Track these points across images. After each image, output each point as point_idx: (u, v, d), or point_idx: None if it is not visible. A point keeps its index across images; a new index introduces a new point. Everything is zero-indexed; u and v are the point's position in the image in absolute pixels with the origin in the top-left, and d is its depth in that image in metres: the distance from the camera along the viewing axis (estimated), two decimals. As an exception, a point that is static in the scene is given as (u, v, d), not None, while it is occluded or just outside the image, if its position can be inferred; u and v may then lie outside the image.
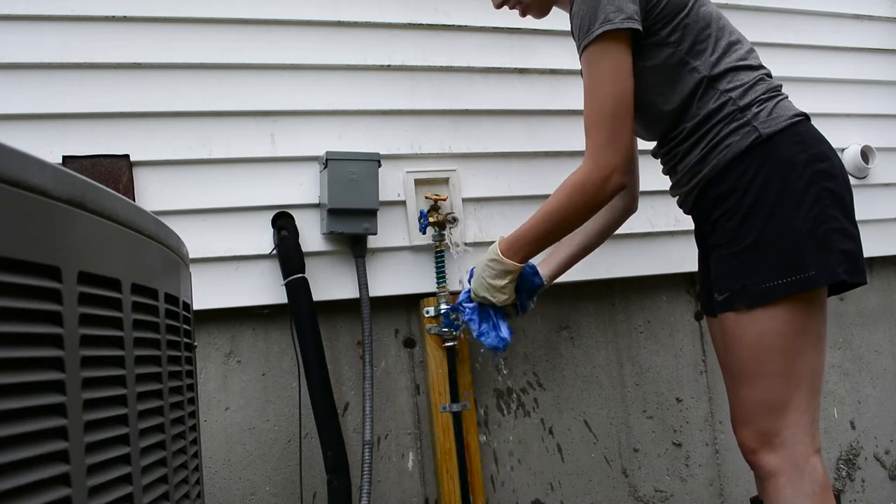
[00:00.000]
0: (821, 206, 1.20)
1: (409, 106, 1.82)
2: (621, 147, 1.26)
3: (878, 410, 2.27)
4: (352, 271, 1.70)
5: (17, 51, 1.54)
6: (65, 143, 1.54)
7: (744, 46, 1.34)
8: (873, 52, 2.41)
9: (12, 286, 0.50)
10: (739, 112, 1.26)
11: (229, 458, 1.64)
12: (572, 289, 1.96)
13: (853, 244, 1.23)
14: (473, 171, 1.85)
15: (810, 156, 1.23)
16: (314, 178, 1.71)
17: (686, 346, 2.08)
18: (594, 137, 1.28)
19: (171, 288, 0.80)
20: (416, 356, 1.81)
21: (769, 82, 1.31)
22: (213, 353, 1.66)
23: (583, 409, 1.94)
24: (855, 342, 2.29)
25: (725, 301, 1.27)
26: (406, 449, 1.78)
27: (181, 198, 1.61)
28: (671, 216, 1.99)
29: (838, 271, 1.19)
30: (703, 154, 1.30)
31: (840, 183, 1.24)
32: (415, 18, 1.86)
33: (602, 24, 1.23)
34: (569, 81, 1.96)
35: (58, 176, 0.55)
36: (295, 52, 1.74)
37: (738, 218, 1.24)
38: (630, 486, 1.95)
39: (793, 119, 1.25)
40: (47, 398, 0.52)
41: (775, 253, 1.21)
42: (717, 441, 2.06)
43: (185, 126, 1.64)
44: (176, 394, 0.80)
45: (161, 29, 1.64)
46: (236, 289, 1.63)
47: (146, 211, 0.75)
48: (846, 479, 2.20)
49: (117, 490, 0.61)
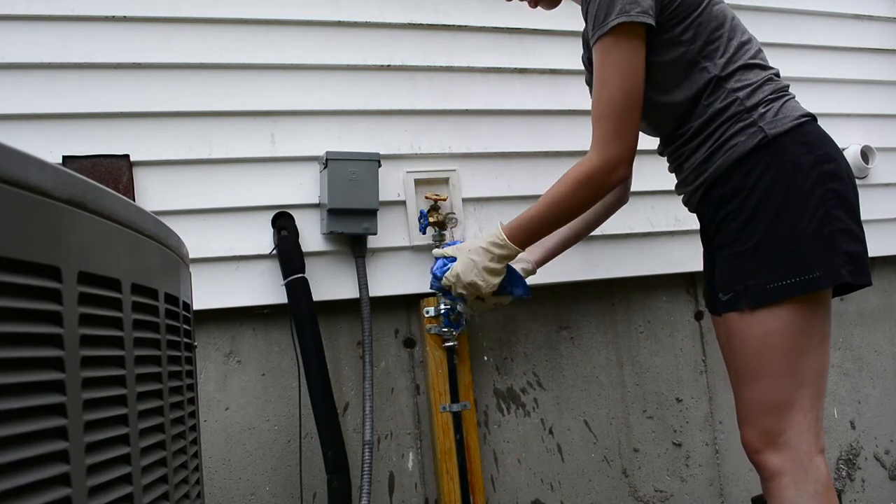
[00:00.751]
0: (826, 208, 1.20)
1: (409, 106, 1.82)
2: (627, 140, 1.28)
3: (878, 410, 2.27)
4: (352, 271, 1.70)
5: (17, 51, 1.54)
6: (65, 143, 1.54)
7: (754, 46, 1.33)
8: (873, 52, 2.41)
9: (12, 286, 0.50)
10: (746, 112, 1.26)
11: (229, 458, 1.64)
12: (572, 289, 1.96)
13: (858, 246, 1.22)
14: (473, 171, 1.85)
15: (816, 157, 1.22)
16: (314, 178, 1.71)
17: (686, 346, 2.08)
18: (602, 129, 1.28)
19: (171, 288, 0.80)
20: (416, 356, 1.81)
21: (777, 82, 1.31)
22: (213, 353, 1.66)
23: (583, 409, 1.94)
24: (855, 342, 2.29)
25: (730, 301, 1.27)
26: (406, 449, 1.78)
27: (181, 198, 1.61)
28: (671, 216, 1.99)
29: (842, 273, 1.19)
30: (708, 153, 1.30)
31: (846, 184, 1.24)
32: (415, 18, 1.86)
33: (618, 15, 1.23)
34: (569, 81, 1.96)
35: (58, 176, 0.55)
36: (295, 52, 1.74)
37: (743, 218, 1.24)
38: (630, 486, 1.95)
39: (799, 120, 1.25)
40: (47, 398, 0.52)
41: (780, 254, 1.21)
42: (717, 441, 2.07)
43: (185, 126, 1.64)
44: (176, 394, 0.80)
45: (161, 29, 1.64)
46: (236, 289, 1.63)
47: (146, 211, 0.75)
48: (846, 479, 2.20)
49: (117, 490, 0.61)
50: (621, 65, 1.25)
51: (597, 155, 1.29)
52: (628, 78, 1.26)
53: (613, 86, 1.26)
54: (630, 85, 1.26)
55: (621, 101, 1.26)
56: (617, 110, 1.26)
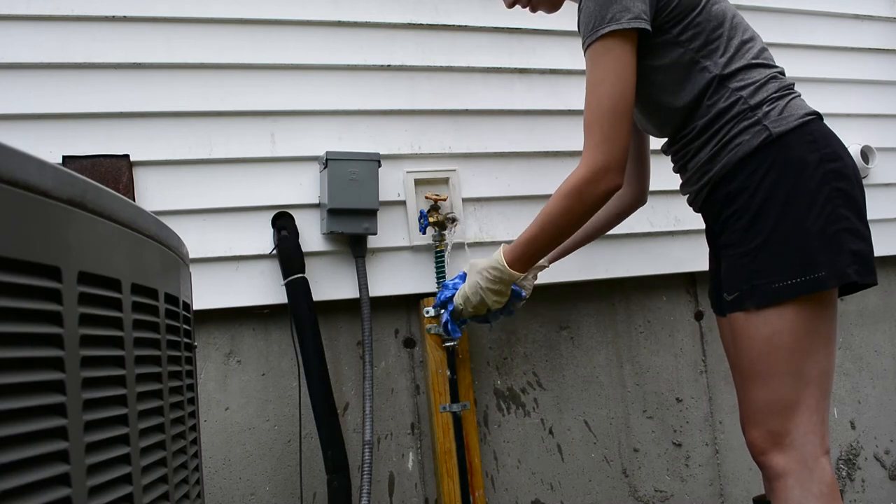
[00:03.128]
0: (832, 206, 1.19)
1: (409, 106, 1.82)
2: (616, 147, 1.24)
3: (878, 410, 2.27)
4: (352, 271, 1.70)
5: (17, 51, 1.54)
6: (65, 143, 1.54)
7: (757, 45, 1.32)
8: (873, 52, 2.41)
9: (12, 286, 0.50)
10: (750, 111, 1.25)
11: (229, 458, 1.64)
12: (572, 289, 1.96)
13: (864, 245, 1.21)
14: (473, 171, 1.85)
15: (821, 155, 1.21)
16: (314, 178, 1.71)
17: (686, 346, 2.08)
18: (590, 137, 1.26)
19: (171, 288, 0.80)
20: (416, 356, 1.81)
21: (781, 80, 1.30)
22: (213, 353, 1.66)
23: (583, 409, 1.94)
24: (855, 342, 2.29)
25: (735, 301, 1.26)
26: (406, 449, 1.78)
27: (181, 198, 1.61)
28: (671, 216, 1.99)
29: (849, 272, 1.18)
30: (713, 153, 1.29)
31: (852, 183, 1.23)
32: (415, 18, 1.86)
33: (608, 23, 1.22)
34: (569, 81, 1.96)
35: (58, 176, 0.55)
36: (295, 52, 1.74)
37: (748, 217, 1.23)
38: (630, 486, 1.95)
39: (804, 118, 1.24)
40: (47, 398, 0.52)
41: (785, 253, 1.20)
42: (717, 441, 2.06)
43: (185, 126, 1.64)
44: (176, 394, 0.80)
45: (161, 29, 1.64)
46: (236, 289, 1.63)
47: (146, 211, 0.75)
48: (846, 479, 2.20)
49: (117, 490, 0.61)
50: (610, 72, 1.24)
51: (583, 165, 1.27)
52: (617, 85, 1.24)
53: (601, 92, 1.25)
54: (618, 92, 1.24)
55: (609, 108, 1.24)
56: (605, 117, 1.24)
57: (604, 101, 1.24)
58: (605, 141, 1.24)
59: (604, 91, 1.25)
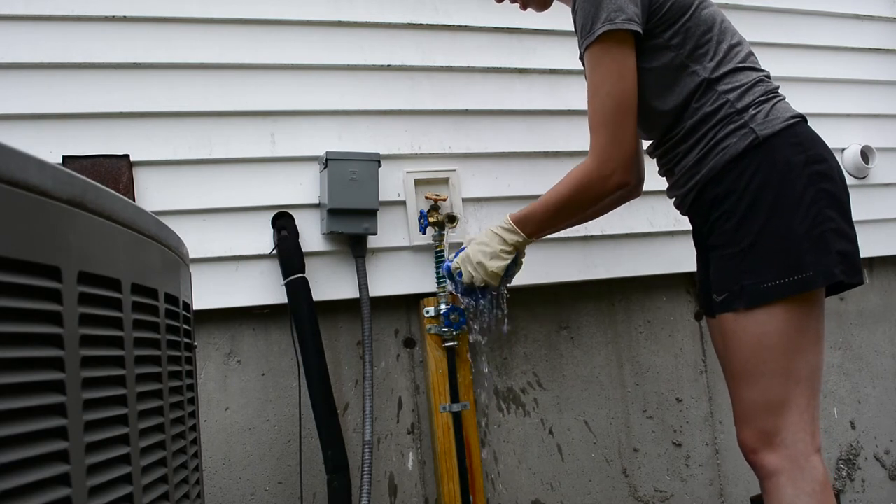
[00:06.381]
0: (818, 207, 1.21)
1: (409, 106, 1.82)
2: (624, 147, 1.28)
3: (878, 410, 2.27)
4: (352, 271, 1.70)
5: (17, 51, 1.54)
6: (65, 143, 1.54)
7: (744, 49, 1.34)
8: (873, 52, 2.41)
9: (12, 286, 0.49)
10: (737, 114, 1.27)
11: (229, 458, 1.64)
12: (572, 289, 1.96)
13: (850, 245, 1.24)
14: (473, 171, 1.85)
15: (807, 157, 1.24)
16: (314, 178, 1.71)
17: (686, 346, 2.08)
18: (598, 137, 1.30)
19: (171, 288, 0.80)
20: (416, 356, 1.81)
21: (767, 84, 1.32)
22: (213, 353, 1.66)
23: (583, 409, 1.94)
24: (855, 342, 2.29)
25: (724, 302, 1.27)
26: (406, 449, 1.78)
27: (181, 198, 1.61)
28: (671, 216, 1.99)
29: (836, 272, 1.20)
30: (700, 156, 1.31)
31: (837, 184, 1.25)
32: (415, 18, 1.86)
33: (604, 23, 1.24)
34: (569, 81, 1.96)
35: (58, 176, 0.55)
36: (295, 52, 1.74)
37: (736, 219, 1.25)
38: (630, 486, 1.95)
39: (789, 121, 1.26)
40: (47, 398, 0.52)
41: (773, 254, 1.21)
42: (717, 441, 2.06)
43: (185, 126, 1.64)
44: (176, 394, 0.80)
45: (161, 29, 1.64)
46: (236, 289, 1.63)
47: (146, 211, 0.75)
48: (846, 479, 2.20)
49: (117, 490, 0.61)
50: (611, 72, 1.26)
51: (593, 161, 1.32)
52: (618, 85, 1.26)
53: (604, 94, 1.27)
54: (620, 91, 1.27)
55: (613, 110, 1.27)
56: (610, 118, 1.28)
57: (607, 102, 1.27)
58: (611, 142, 1.28)
59: (605, 93, 1.27)
